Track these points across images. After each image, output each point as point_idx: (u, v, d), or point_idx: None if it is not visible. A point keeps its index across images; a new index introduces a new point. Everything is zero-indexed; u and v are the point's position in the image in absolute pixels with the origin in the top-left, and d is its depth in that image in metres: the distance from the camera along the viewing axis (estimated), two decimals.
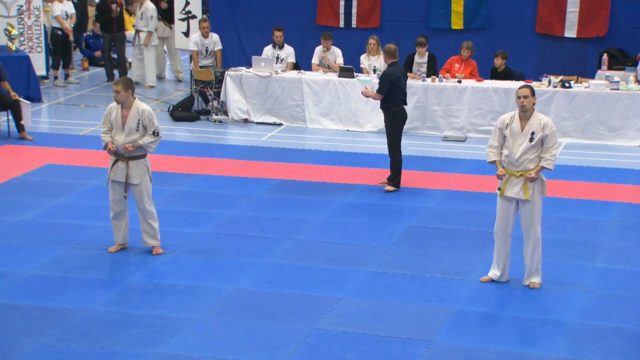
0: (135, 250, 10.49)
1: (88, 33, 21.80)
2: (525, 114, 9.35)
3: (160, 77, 20.61)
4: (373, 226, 11.32)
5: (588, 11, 17.61)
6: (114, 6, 19.90)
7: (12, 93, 15.21)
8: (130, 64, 20.18)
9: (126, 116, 10.18)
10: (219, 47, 17.67)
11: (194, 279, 9.78)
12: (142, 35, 19.25)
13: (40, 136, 15.48)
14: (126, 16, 21.27)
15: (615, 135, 15.51)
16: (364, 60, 16.55)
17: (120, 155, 10.25)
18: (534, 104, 9.37)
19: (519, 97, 9.31)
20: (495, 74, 16.19)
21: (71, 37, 20.04)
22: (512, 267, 9.83)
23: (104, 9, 20.12)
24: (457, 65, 16.32)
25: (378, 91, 12.80)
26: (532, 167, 9.35)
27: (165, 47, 20.51)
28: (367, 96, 13.17)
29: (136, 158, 10.26)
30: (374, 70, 16.44)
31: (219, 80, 16.97)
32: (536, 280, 9.62)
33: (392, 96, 12.74)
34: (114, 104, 10.32)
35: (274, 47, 17.08)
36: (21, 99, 15.30)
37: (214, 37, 17.66)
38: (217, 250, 10.59)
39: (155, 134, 10.24)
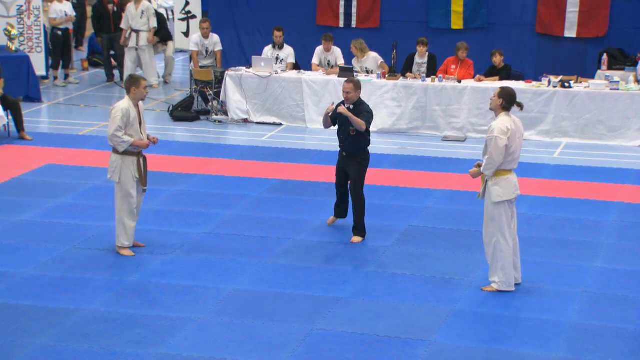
0: (135, 250, 10.48)
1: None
2: (495, 114, 9.43)
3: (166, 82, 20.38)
4: (373, 226, 11.32)
5: (588, 11, 17.62)
6: (110, 6, 19.88)
7: None
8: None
9: (139, 113, 10.22)
10: (219, 47, 17.65)
11: (194, 279, 9.78)
12: (143, 35, 19.14)
13: (40, 136, 15.48)
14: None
15: (615, 135, 15.51)
16: (356, 64, 16.57)
17: (139, 152, 10.27)
18: (500, 105, 9.30)
19: None
20: (495, 72, 16.18)
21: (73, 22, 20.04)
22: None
23: (100, 9, 20.11)
24: (453, 67, 16.32)
25: (365, 122, 10.76)
26: None
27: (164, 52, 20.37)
28: (351, 119, 10.76)
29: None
30: (367, 71, 16.45)
31: (219, 81, 16.96)
32: (492, 278, 9.54)
33: (368, 134, 11.07)
34: (124, 104, 10.14)
35: (274, 47, 17.08)
36: None
37: (214, 37, 17.65)
38: (217, 250, 10.59)
39: None
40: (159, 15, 19.87)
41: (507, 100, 9.29)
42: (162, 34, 19.80)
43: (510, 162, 9.31)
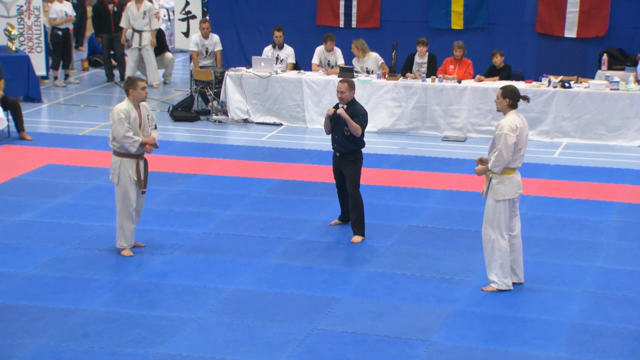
0: (135, 250, 10.47)
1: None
2: (501, 112, 9.46)
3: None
4: (373, 226, 11.32)
5: (588, 11, 17.62)
6: (110, 6, 19.86)
7: None
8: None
9: (140, 115, 10.16)
10: (219, 48, 17.65)
11: (194, 279, 9.78)
12: (146, 35, 19.11)
13: (40, 136, 15.48)
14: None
15: (615, 135, 15.51)
16: (356, 64, 16.56)
17: (140, 154, 10.20)
18: (507, 105, 9.34)
19: None
20: (495, 72, 16.19)
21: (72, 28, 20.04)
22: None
23: (100, 9, 20.09)
24: (451, 67, 16.32)
25: (361, 125, 10.86)
26: None
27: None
28: (349, 122, 10.82)
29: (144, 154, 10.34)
30: (367, 72, 16.44)
31: (219, 81, 16.96)
32: (491, 277, 9.57)
33: (362, 136, 11.04)
34: (123, 105, 10.10)
35: (274, 47, 17.08)
36: None
37: (214, 37, 17.65)
38: (217, 250, 10.59)
39: (156, 127, 10.35)
40: (159, 31, 19.80)
41: (512, 98, 9.34)
42: (160, 49, 19.73)
43: (516, 160, 9.35)
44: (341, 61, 16.76)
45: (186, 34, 20.38)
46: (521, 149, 9.32)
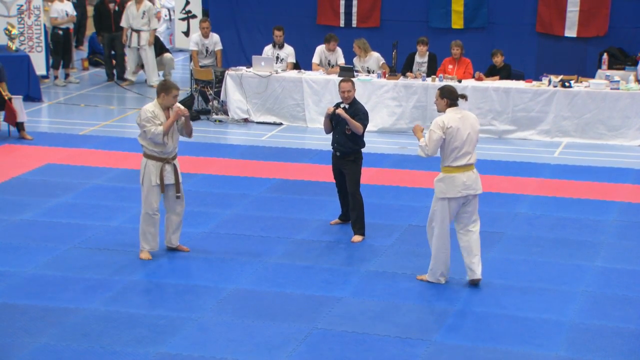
0: (135, 250, 10.47)
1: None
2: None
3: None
4: (373, 226, 11.32)
5: (588, 10, 17.62)
6: (111, 5, 19.85)
7: (5, 93, 15.09)
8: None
9: (168, 118, 10.02)
10: (219, 47, 17.65)
11: (194, 279, 9.79)
12: (144, 35, 19.11)
13: (40, 136, 15.48)
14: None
15: (615, 134, 15.51)
16: (357, 63, 16.55)
17: (166, 158, 10.12)
18: (445, 104, 9.45)
19: None
20: (495, 71, 16.20)
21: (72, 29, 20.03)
22: (510, 266, 9.81)
23: (101, 9, 20.09)
24: (450, 67, 16.31)
25: (362, 124, 10.90)
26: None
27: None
28: (349, 122, 10.86)
29: (175, 157, 10.26)
30: (368, 71, 16.44)
31: (219, 80, 16.97)
32: (425, 274, 9.79)
33: (363, 135, 11.07)
34: (149, 106, 10.00)
35: (274, 46, 17.08)
36: (12, 96, 15.12)
37: (214, 37, 17.64)
38: (217, 250, 10.59)
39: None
40: (156, 39, 19.75)
41: (450, 98, 9.48)
42: (158, 51, 19.68)
43: (455, 159, 9.39)
44: (342, 61, 16.76)
45: (186, 34, 20.38)
46: (459, 148, 9.35)
